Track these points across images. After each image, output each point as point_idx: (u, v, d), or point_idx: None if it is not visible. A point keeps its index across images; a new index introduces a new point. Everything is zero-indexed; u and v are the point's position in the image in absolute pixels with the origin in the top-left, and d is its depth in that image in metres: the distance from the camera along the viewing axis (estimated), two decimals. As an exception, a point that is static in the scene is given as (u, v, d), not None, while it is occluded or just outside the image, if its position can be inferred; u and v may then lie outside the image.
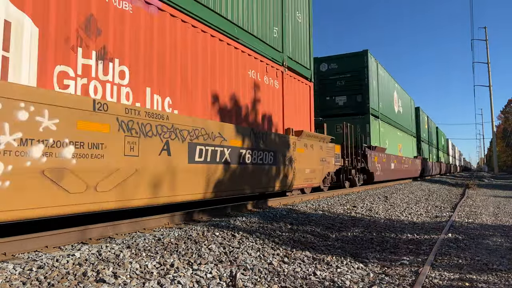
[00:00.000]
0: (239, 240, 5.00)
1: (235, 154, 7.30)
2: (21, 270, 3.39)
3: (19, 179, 3.87)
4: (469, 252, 4.90)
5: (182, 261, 3.92)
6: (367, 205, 9.68)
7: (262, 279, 3.52)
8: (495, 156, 46.44)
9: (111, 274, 3.37)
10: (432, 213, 9.12)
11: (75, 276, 3.30)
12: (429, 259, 4.37)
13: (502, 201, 12.41)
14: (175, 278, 3.36)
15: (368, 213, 8.41)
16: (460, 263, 4.39)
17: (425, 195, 14.27)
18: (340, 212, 8.38)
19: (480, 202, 12.15)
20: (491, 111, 42.31)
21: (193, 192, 6.19)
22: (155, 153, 5.45)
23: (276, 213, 7.46)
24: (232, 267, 3.84)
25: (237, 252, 4.40)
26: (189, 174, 6.11)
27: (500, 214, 9.05)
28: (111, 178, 4.77)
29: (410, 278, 3.73)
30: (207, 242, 4.75)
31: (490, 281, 3.74)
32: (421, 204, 11.04)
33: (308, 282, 3.49)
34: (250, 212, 7.73)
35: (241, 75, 8.25)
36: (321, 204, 9.37)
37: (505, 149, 68.09)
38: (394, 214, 8.52)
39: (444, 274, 3.89)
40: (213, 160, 6.66)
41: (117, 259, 3.87)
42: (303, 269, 3.89)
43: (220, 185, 6.80)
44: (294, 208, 8.44)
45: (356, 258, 4.48)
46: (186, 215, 6.50)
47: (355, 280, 3.62)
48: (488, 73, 42.93)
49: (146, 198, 5.29)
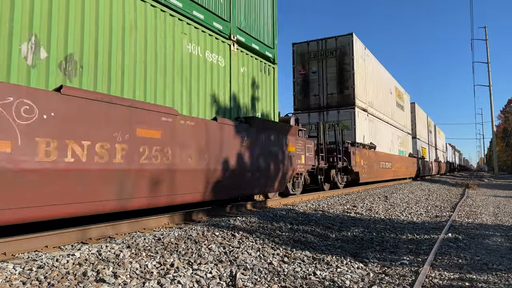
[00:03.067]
0: (239, 240, 5.00)
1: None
2: (21, 270, 3.39)
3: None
4: (469, 252, 4.90)
5: (182, 261, 3.92)
6: (367, 205, 9.68)
7: (262, 279, 3.52)
8: (495, 156, 46.44)
9: (111, 274, 3.37)
10: (432, 213, 9.12)
11: (75, 276, 3.30)
12: (429, 259, 4.37)
13: (502, 201, 12.41)
14: (175, 278, 3.36)
15: (368, 213, 8.41)
16: (460, 262, 4.39)
17: (425, 195, 14.27)
18: (340, 212, 8.38)
19: (480, 202, 12.15)
20: (491, 111, 42.35)
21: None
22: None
23: (276, 213, 7.46)
24: (232, 267, 3.84)
25: (237, 252, 4.40)
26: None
27: (500, 214, 9.05)
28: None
29: (410, 278, 3.73)
30: (207, 242, 4.75)
31: (490, 280, 3.74)
32: (421, 204, 11.04)
33: (308, 282, 3.49)
34: (250, 212, 7.73)
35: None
36: (321, 204, 9.37)
37: (505, 149, 68.07)
38: (394, 214, 8.52)
39: (444, 274, 3.89)
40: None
41: (117, 259, 3.87)
42: (303, 269, 3.89)
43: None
44: (294, 208, 8.43)
45: (356, 258, 4.48)
46: (186, 215, 6.50)
47: (355, 280, 3.62)
48: (488, 73, 42.97)
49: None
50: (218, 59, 7.67)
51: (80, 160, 4.42)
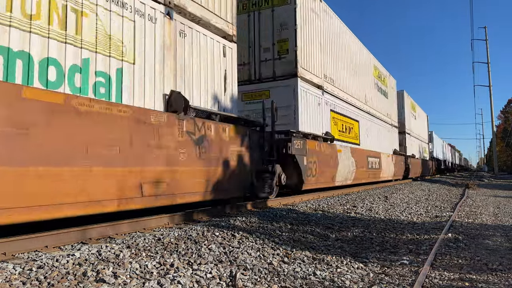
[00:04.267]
0: (239, 240, 5.00)
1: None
2: (21, 270, 3.39)
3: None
4: (469, 252, 4.90)
5: (182, 261, 3.92)
6: (367, 205, 9.69)
7: (262, 279, 3.52)
8: (495, 156, 46.43)
9: (111, 274, 3.37)
10: (432, 213, 9.12)
11: (75, 276, 3.30)
12: (429, 259, 4.37)
13: (502, 201, 12.41)
14: (175, 278, 3.36)
15: (368, 213, 8.41)
16: (460, 263, 4.39)
17: (425, 195, 14.27)
18: (340, 212, 8.38)
19: (480, 202, 12.15)
20: (491, 111, 42.29)
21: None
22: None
23: (276, 213, 7.46)
24: (232, 267, 3.84)
25: (237, 252, 4.40)
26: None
27: (500, 214, 9.05)
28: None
29: (410, 278, 3.73)
30: (207, 242, 4.75)
31: (490, 281, 3.74)
32: (421, 204, 11.04)
33: (308, 282, 3.49)
34: (250, 212, 7.73)
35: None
36: (321, 204, 9.37)
37: (505, 149, 68.06)
38: (394, 214, 8.52)
39: (444, 274, 3.89)
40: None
41: (117, 259, 3.87)
42: (303, 269, 3.89)
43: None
44: (294, 208, 8.43)
45: (356, 258, 4.48)
46: (186, 215, 6.50)
47: (355, 280, 3.62)
48: (488, 73, 42.94)
49: None
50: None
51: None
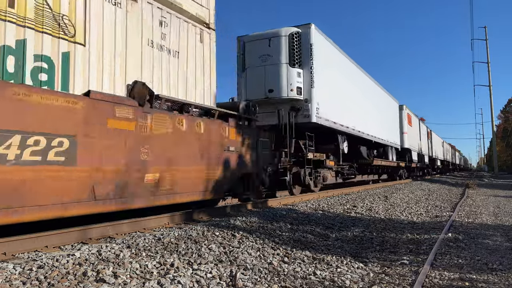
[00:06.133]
0: (239, 240, 5.00)
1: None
2: (21, 270, 3.39)
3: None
4: (469, 252, 4.90)
5: (182, 261, 3.92)
6: (367, 205, 9.68)
7: (262, 279, 3.52)
8: (495, 156, 46.42)
9: (111, 274, 3.37)
10: (432, 212, 9.12)
11: (75, 276, 3.30)
12: (429, 258, 4.37)
13: (502, 201, 12.41)
14: (175, 278, 3.36)
15: (368, 213, 8.41)
16: (460, 262, 4.39)
17: (425, 194, 14.27)
18: (340, 211, 8.38)
19: (480, 201, 12.15)
20: (491, 111, 42.25)
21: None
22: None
23: (276, 212, 7.46)
24: (232, 266, 3.84)
25: (237, 251, 4.40)
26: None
27: (500, 214, 9.05)
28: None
29: (410, 278, 3.73)
30: (207, 242, 4.75)
31: (490, 280, 3.74)
32: (421, 203, 11.04)
33: (308, 282, 3.49)
34: (250, 211, 7.73)
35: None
36: (321, 203, 9.37)
37: (505, 149, 68.02)
38: (394, 214, 8.52)
39: (444, 274, 3.89)
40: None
41: (117, 259, 3.86)
42: (303, 269, 3.89)
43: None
44: (294, 208, 8.43)
45: (356, 258, 4.48)
46: (186, 215, 6.50)
47: (355, 280, 3.62)
48: (488, 73, 42.89)
49: None
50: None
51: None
